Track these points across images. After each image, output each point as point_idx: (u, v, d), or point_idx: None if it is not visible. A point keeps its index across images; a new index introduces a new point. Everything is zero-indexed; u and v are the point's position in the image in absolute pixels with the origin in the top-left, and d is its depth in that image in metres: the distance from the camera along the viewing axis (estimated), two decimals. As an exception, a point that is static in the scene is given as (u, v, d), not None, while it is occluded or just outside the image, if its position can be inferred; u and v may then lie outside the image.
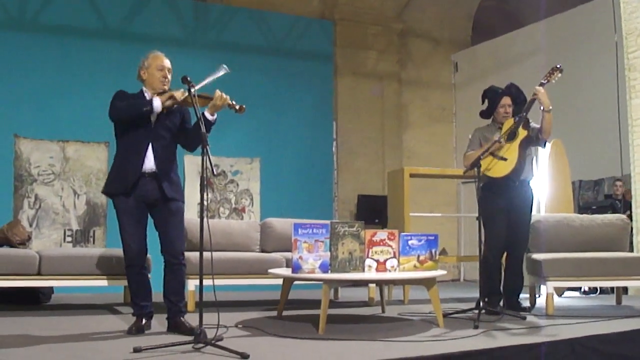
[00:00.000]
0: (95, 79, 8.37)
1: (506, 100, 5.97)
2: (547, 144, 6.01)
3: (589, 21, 9.87)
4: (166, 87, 4.63)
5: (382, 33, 11.86)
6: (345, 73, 11.34)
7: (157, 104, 4.48)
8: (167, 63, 4.67)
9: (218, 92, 4.53)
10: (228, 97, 4.55)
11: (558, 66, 5.72)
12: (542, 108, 5.64)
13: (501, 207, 5.85)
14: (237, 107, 4.56)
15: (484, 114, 6.17)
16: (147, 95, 4.62)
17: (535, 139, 5.86)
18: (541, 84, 5.65)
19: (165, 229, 4.60)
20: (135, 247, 4.57)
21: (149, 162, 4.55)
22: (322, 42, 10.63)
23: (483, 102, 6.17)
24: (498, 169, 5.76)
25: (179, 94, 4.51)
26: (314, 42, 10.47)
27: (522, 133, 5.77)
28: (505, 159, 5.72)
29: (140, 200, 4.55)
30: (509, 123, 5.78)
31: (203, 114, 4.51)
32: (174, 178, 4.68)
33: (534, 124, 5.85)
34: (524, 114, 5.73)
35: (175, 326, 4.55)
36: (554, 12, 10.49)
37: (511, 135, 5.76)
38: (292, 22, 10.31)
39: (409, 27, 12.29)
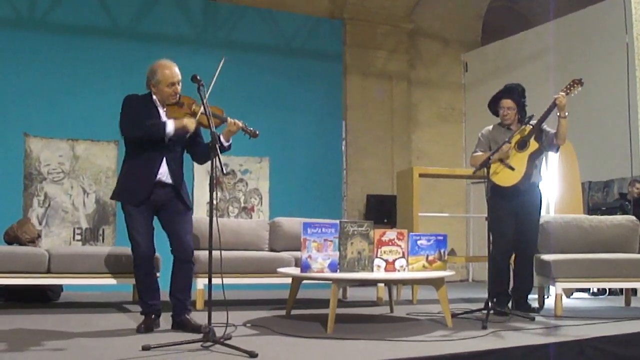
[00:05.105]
0: (105, 77, 8.40)
1: (506, 103, 5.89)
2: (558, 149, 5.98)
3: (599, 22, 9.81)
4: (176, 99, 4.63)
5: (391, 33, 11.82)
6: (355, 72, 11.31)
7: (170, 129, 4.48)
8: (177, 75, 4.58)
9: (231, 119, 4.55)
10: (241, 122, 4.57)
11: (580, 79, 5.66)
12: (558, 114, 5.61)
13: (509, 209, 5.83)
14: (251, 131, 4.58)
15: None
16: (157, 103, 4.62)
17: (548, 145, 5.82)
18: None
19: (175, 228, 4.62)
20: (145, 246, 4.59)
21: (162, 175, 4.58)
22: (331, 42, 10.65)
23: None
24: (505, 178, 5.73)
25: (191, 123, 4.49)
26: (324, 42, 10.49)
27: (533, 145, 5.72)
28: (513, 169, 5.68)
29: (151, 203, 4.59)
30: (523, 131, 5.74)
31: (219, 137, 4.47)
32: (184, 186, 4.75)
33: (548, 128, 5.80)
34: (540, 123, 5.70)
35: (181, 324, 4.57)
36: (564, 13, 10.43)
37: (522, 145, 5.72)
38: (302, 21, 10.32)
39: (419, 27, 12.25)
